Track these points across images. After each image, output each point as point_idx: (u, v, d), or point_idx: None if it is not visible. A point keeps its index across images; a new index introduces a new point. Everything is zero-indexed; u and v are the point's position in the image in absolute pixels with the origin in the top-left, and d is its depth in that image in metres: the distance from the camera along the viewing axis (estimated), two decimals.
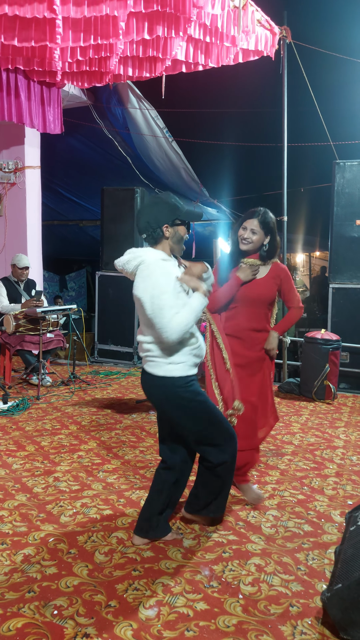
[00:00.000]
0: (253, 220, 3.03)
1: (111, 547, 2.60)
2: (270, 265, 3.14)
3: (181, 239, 2.51)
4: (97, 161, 9.08)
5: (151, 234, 2.47)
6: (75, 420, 4.76)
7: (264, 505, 3.11)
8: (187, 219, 2.48)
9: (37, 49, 5.06)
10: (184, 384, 2.48)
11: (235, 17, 4.84)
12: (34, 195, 7.07)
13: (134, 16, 4.56)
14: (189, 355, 2.48)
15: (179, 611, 2.14)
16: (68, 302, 12.67)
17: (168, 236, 2.47)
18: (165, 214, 2.44)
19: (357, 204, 6.13)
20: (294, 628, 2.06)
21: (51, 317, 5.90)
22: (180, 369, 2.46)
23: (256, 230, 3.03)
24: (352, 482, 3.50)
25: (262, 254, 3.11)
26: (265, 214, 3.05)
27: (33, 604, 2.16)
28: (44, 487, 3.31)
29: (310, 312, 11.13)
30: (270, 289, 3.12)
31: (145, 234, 2.49)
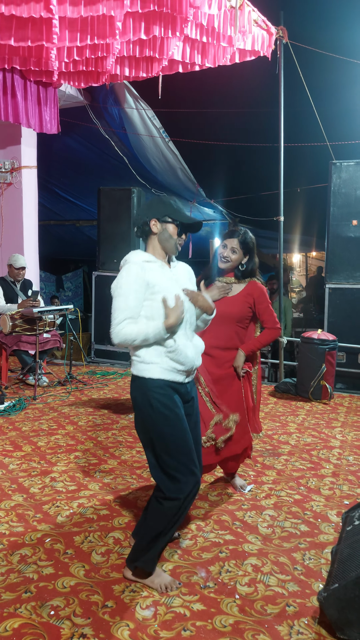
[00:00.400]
0: (233, 240, 3.07)
1: (108, 548, 2.60)
2: (245, 283, 3.14)
3: (170, 237, 2.38)
4: (93, 161, 9.07)
5: (141, 227, 2.41)
6: (72, 420, 4.76)
7: (260, 505, 3.12)
8: (177, 218, 2.37)
9: (34, 49, 5.05)
10: (156, 387, 2.27)
11: (231, 17, 4.84)
12: (30, 195, 7.06)
13: (130, 16, 4.56)
14: (163, 357, 2.29)
15: (176, 611, 2.14)
16: (65, 302, 12.66)
17: (155, 232, 2.38)
18: (156, 209, 2.39)
19: (354, 204, 6.15)
20: (291, 628, 2.06)
21: (48, 317, 5.89)
22: (152, 369, 2.28)
23: (236, 249, 3.06)
24: (349, 482, 3.50)
25: (236, 272, 3.13)
26: (245, 234, 3.09)
27: (30, 605, 2.15)
28: (41, 487, 3.30)
29: (307, 312, 11.16)
30: (240, 307, 3.09)
31: (136, 228, 2.44)
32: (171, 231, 2.39)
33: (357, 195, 6.13)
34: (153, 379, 2.28)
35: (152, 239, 2.42)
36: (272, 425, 4.72)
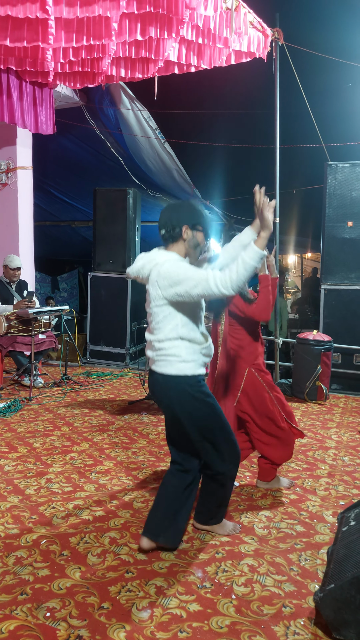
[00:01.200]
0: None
1: (104, 549, 2.60)
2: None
3: (197, 245, 2.48)
4: (89, 162, 9.05)
5: (170, 231, 2.45)
6: (68, 421, 4.75)
7: (256, 506, 3.12)
8: (206, 226, 2.49)
9: (30, 49, 5.04)
10: (195, 382, 2.47)
11: (227, 19, 4.85)
12: (26, 196, 7.04)
13: (126, 17, 4.56)
14: (199, 354, 2.48)
15: (172, 612, 2.14)
16: (60, 303, 12.63)
17: (186, 238, 2.45)
18: (188, 215, 2.44)
19: (349, 206, 6.17)
20: (287, 628, 2.06)
21: (43, 318, 5.88)
22: (191, 367, 2.45)
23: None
24: (344, 482, 3.51)
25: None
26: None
27: (25, 606, 2.15)
28: (36, 488, 3.30)
29: (302, 314, 11.17)
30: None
31: (164, 230, 2.47)
32: (200, 239, 2.48)
33: (352, 197, 6.15)
34: (193, 376, 2.46)
35: (179, 244, 2.47)
36: None
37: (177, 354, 2.44)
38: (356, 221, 6.14)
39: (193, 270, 2.33)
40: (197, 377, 2.48)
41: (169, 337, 2.44)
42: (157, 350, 2.47)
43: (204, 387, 2.52)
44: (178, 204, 2.52)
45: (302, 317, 10.98)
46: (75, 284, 14.21)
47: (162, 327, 2.44)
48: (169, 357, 2.45)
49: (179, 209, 2.48)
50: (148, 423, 4.72)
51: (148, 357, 2.56)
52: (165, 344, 2.45)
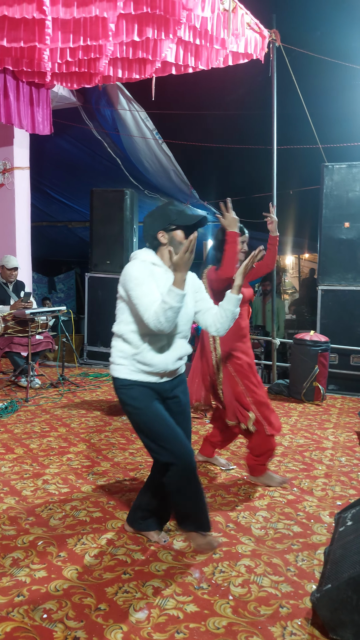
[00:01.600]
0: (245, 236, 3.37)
1: (101, 550, 2.59)
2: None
3: (180, 243, 2.43)
4: (86, 162, 9.05)
5: (151, 242, 2.49)
6: (65, 422, 4.74)
7: (253, 506, 3.12)
8: (180, 223, 2.42)
9: (26, 50, 5.04)
10: (121, 385, 2.45)
11: (224, 20, 4.86)
12: (22, 196, 7.03)
13: (123, 18, 4.56)
14: (131, 360, 2.42)
15: (169, 613, 2.14)
16: (57, 303, 12.61)
17: (164, 242, 2.45)
18: (158, 222, 2.44)
19: (346, 207, 6.18)
20: (284, 629, 2.07)
21: (40, 318, 5.87)
22: (121, 370, 2.45)
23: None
24: (341, 483, 3.52)
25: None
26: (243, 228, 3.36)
27: (22, 608, 2.14)
28: (33, 490, 3.29)
29: (299, 314, 11.18)
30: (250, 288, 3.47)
31: (147, 242, 2.52)
32: (179, 237, 2.44)
33: (349, 198, 6.17)
34: (122, 379, 2.45)
35: (162, 249, 2.48)
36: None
37: (112, 356, 2.50)
38: (353, 222, 6.16)
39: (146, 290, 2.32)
40: (125, 381, 2.43)
41: (113, 330, 2.51)
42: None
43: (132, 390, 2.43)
44: (150, 214, 2.51)
45: (299, 317, 11.00)
46: (72, 284, 14.19)
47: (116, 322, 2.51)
48: (110, 358, 2.53)
49: (150, 219, 2.48)
50: None
51: None
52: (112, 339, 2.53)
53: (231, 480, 3.51)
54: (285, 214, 8.61)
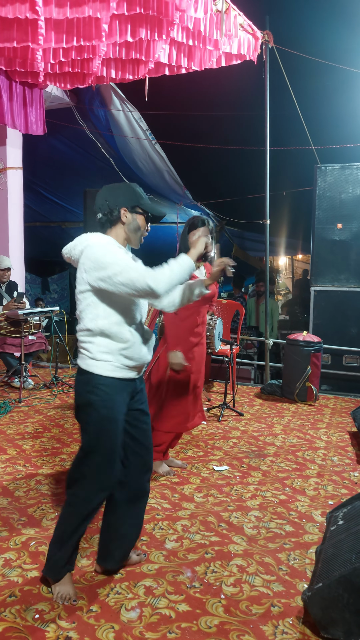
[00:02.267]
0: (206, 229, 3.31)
1: (93, 550, 2.59)
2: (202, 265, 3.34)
3: (138, 228, 2.27)
4: (79, 163, 9.04)
5: (107, 214, 2.25)
6: (58, 423, 4.73)
7: (246, 506, 3.13)
8: (149, 210, 2.27)
9: (19, 50, 5.02)
10: (100, 384, 2.15)
11: (217, 21, 4.86)
12: (15, 197, 7.01)
13: (116, 18, 4.56)
14: (117, 355, 2.16)
15: (161, 612, 2.14)
16: (50, 304, 12.58)
17: (125, 221, 2.25)
18: (127, 197, 2.24)
19: (339, 208, 6.21)
20: (276, 628, 2.07)
21: (33, 319, 5.85)
22: (104, 367, 2.15)
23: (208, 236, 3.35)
24: (333, 482, 3.53)
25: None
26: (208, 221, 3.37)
27: (14, 608, 2.14)
28: (26, 490, 3.28)
29: (293, 315, 11.21)
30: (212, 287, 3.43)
31: (100, 214, 2.27)
32: (141, 223, 2.28)
33: (342, 199, 6.20)
34: (100, 376, 2.15)
35: (117, 228, 2.28)
36: (258, 427, 4.74)
37: (89, 350, 2.16)
38: (345, 223, 6.19)
39: (123, 258, 2.10)
40: (104, 379, 2.15)
41: (86, 327, 2.17)
42: (78, 341, 2.24)
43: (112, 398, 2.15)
44: (115, 186, 2.28)
45: (292, 318, 11.02)
46: (65, 285, 14.15)
47: (83, 317, 2.18)
48: (83, 351, 2.20)
49: (117, 190, 2.26)
50: None
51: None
52: (82, 334, 2.20)
53: (223, 480, 3.52)
54: (279, 215, 8.64)
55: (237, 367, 6.69)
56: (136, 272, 2.06)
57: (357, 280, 6.16)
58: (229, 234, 10.94)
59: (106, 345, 2.16)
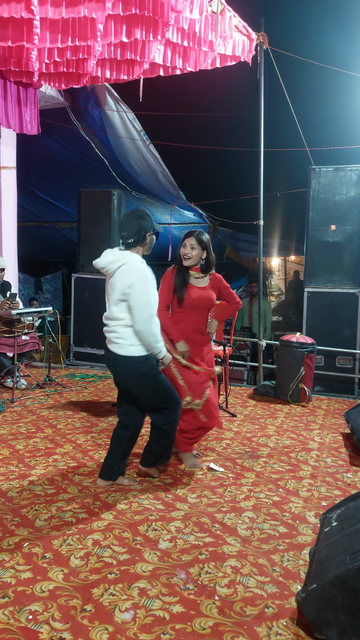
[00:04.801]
0: (191, 239, 3.61)
1: (87, 551, 2.59)
2: (208, 276, 3.75)
3: (151, 246, 3.22)
4: (74, 163, 9.02)
5: (137, 239, 3.09)
6: (51, 423, 4.72)
7: (239, 507, 3.13)
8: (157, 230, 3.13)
9: (14, 49, 5.01)
10: (142, 361, 3.09)
11: (213, 22, 4.87)
12: (9, 196, 6.99)
13: (112, 18, 4.55)
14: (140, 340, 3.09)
15: (155, 614, 2.14)
16: (44, 304, 12.53)
17: (147, 242, 3.15)
18: (150, 224, 3.13)
19: (332, 209, 6.23)
20: (269, 629, 2.08)
21: (26, 319, 5.83)
22: (139, 349, 3.08)
23: (194, 245, 3.61)
24: (327, 483, 3.54)
25: (201, 266, 3.70)
26: (200, 233, 3.65)
27: (7, 609, 2.13)
28: (19, 490, 3.27)
29: (286, 316, 11.24)
30: (212, 296, 3.72)
31: (132, 239, 3.09)
32: (153, 241, 3.22)
33: (335, 201, 6.22)
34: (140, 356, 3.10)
35: (139, 247, 3.15)
36: (251, 428, 4.75)
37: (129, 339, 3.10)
38: (339, 225, 6.21)
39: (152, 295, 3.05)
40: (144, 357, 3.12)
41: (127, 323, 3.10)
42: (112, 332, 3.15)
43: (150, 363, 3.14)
44: (140, 216, 3.12)
45: (285, 319, 11.05)
46: (59, 285, 14.12)
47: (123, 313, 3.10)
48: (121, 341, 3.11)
49: (145, 218, 3.10)
50: None
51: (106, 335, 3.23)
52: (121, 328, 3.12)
53: (217, 481, 3.52)
54: (272, 216, 8.66)
55: (230, 368, 6.70)
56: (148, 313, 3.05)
57: (350, 281, 6.19)
58: (222, 235, 10.96)
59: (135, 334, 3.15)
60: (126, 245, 3.14)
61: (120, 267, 3.04)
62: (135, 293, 2.98)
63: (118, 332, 3.10)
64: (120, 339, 3.09)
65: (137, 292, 2.98)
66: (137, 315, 3.00)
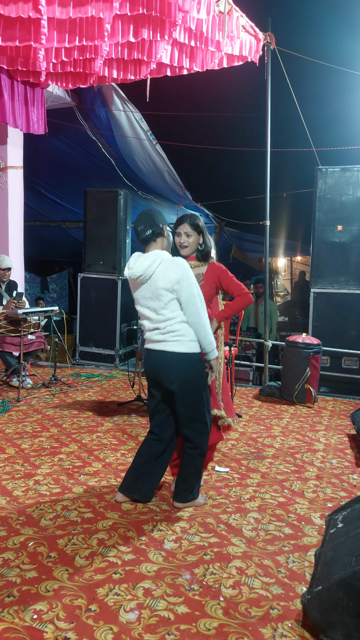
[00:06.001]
0: (184, 225, 3.25)
1: (92, 551, 2.59)
2: (206, 265, 3.34)
3: (171, 240, 3.14)
4: (80, 162, 9.03)
5: (154, 230, 2.96)
6: (56, 422, 4.72)
7: (245, 508, 3.13)
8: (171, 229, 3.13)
9: (22, 49, 5.02)
10: (199, 359, 2.96)
11: (220, 22, 4.86)
12: (16, 196, 7.01)
13: (119, 18, 4.55)
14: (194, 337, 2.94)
15: (160, 614, 2.13)
16: (50, 303, 12.57)
17: (165, 235, 3.03)
18: (162, 217, 3.04)
19: (339, 210, 6.21)
20: (275, 630, 2.07)
21: (32, 318, 5.85)
22: (196, 346, 2.94)
23: (190, 232, 3.26)
24: (332, 485, 3.53)
25: (198, 255, 3.32)
26: (193, 217, 3.29)
27: (12, 609, 2.13)
28: (24, 490, 3.28)
29: (292, 317, 11.23)
30: (209, 287, 3.30)
31: (150, 230, 2.95)
32: (170, 236, 3.15)
33: (342, 201, 6.20)
34: (197, 353, 2.95)
35: (161, 241, 3.02)
36: (257, 429, 4.74)
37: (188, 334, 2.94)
38: (346, 225, 6.19)
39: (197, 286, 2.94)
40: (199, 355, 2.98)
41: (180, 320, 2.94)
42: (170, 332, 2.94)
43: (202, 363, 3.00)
44: (151, 211, 3.05)
45: (291, 320, 11.04)
46: (65, 284, 14.15)
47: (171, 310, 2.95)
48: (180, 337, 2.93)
49: (155, 214, 3.02)
50: (137, 425, 4.72)
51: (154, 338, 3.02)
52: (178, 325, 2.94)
53: (222, 481, 3.52)
54: (279, 216, 8.64)
55: (236, 368, 6.69)
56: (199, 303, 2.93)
57: (356, 282, 6.16)
58: (228, 235, 10.95)
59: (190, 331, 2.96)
60: (144, 240, 2.99)
61: (158, 267, 2.90)
62: (184, 287, 2.85)
63: (176, 329, 2.91)
64: (180, 336, 2.91)
65: (185, 285, 2.85)
66: (191, 308, 2.87)
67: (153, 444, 3.09)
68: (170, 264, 2.90)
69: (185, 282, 2.86)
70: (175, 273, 2.86)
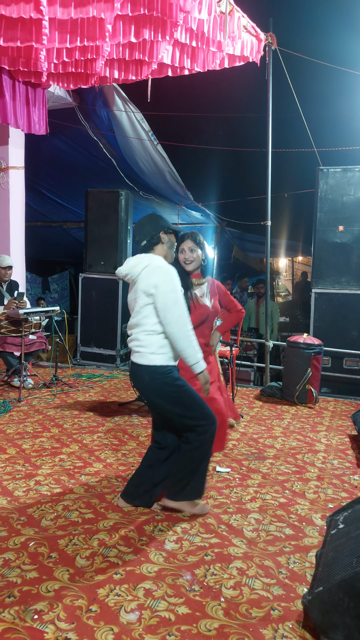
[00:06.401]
0: (188, 242, 3.44)
1: (93, 551, 2.59)
2: (206, 281, 3.53)
3: (172, 245, 3.00)
4: (81, 163, 9.04)
5: (150, 239, 2.91)
6: (57, 423, 4.72)
7: (246, 509, 3.12)
8: (173, 229, 2.95)
9: (23, 49, 5.02)
10: (164, 371, 2.82)
11: (221, 23, 4.86)
12: (17, 196, 7.01)
13: (120, 19, 4.56)
14: (168, 349, 2.84)
15: (161, 615, 2.13)
16: (51, 303, 12.57)
17: (164, 241, 2.94)
18: (160, 223, 2.95)
19: (340, 210, 6.20)
20: (275, 631, 2.07)
21: (33, 318, 5.85)
22: (162, 358, 2.82)
23: (193, 248, 3.45)
24: (333, 485, 3.52)
25: (202, 270, 3.54)
26: (194, 234, 3.48)
27: (13, 609, 2.13)
28: (25, 490, 3.28)
29: (293, 317, 11.22)
30: (216, 304, 3.57)
31: (145, 240, 2.92)
32: (173, 239, 3.01)
33: (343, 201, 6.19)
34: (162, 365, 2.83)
35: (159, 248, 2.95)
36: (258, 429, 4.74)
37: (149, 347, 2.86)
38: (347, 226, 6.18)
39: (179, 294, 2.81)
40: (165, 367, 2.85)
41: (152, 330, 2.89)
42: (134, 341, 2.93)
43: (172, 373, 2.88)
44: (147, 218, 2.98)
45: (292, 320, 11.03)
46: (66, 285, 14.16)
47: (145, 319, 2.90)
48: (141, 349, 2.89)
49: (151, 220, 2.95)
50: (138, 425, 4.72)
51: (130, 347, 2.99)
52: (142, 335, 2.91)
53: (223, 482, 3.51)
54: (280, 217, 8.64)
55: (237, 368, 6.69)
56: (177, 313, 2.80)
57: (358, 283, 6.15)
58: (229, 235, 10.95)
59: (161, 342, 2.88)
60: (143, 250, 2.96)
61: (143, 269, 2.84)
62: (161, 293, 2.74)
63: (139, 339, 2.84)
64: (140, 347, 2.83)
65: (163, 291, 2.74)
66: (168, 316, 2.74)
67: (156, 452, 3.04)
68: (155, 269, 2.81)
69: (162, 287, 2.74)
70: (155, 277, 2.77)
